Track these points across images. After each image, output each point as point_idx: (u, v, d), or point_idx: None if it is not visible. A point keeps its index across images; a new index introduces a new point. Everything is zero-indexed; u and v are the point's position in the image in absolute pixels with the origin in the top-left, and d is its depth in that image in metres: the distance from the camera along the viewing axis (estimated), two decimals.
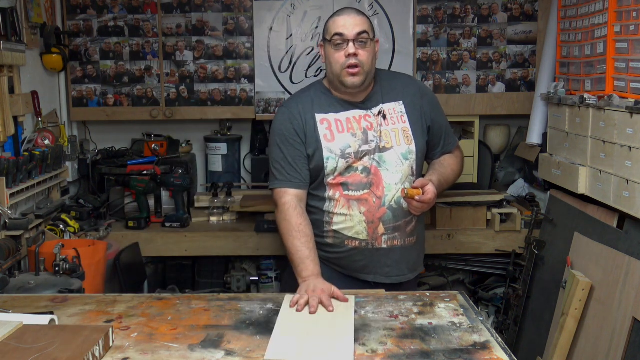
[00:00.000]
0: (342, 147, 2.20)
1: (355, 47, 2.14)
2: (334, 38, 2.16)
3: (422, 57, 3.49)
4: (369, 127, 2.23)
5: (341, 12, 2.21)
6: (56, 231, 2.76)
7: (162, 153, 3.51)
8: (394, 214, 2.22)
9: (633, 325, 2.22)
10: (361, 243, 2.23)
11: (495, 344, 1.56)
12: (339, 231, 2.24)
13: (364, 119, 2.24)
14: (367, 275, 2.27)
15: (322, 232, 2.26)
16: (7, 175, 2.50)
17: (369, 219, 2.21)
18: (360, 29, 2.15)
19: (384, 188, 2.20)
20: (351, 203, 2.21)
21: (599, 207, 2.60)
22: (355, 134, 2.21)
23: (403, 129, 2.26)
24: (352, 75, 2.15)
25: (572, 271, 2.59)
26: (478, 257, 3.28)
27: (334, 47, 2.17)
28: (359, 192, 2.20)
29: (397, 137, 2.24)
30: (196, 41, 3.50)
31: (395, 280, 2.27)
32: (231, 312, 1.79)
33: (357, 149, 2.20)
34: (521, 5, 3.47)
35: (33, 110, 2.98)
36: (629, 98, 2.30)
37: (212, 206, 3.31)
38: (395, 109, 2.28)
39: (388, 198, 2.21)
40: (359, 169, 2.20)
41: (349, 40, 2.14)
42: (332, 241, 2.26)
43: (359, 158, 2.20)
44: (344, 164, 2.19)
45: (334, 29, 2.17)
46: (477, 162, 3.52)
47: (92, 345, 1.42)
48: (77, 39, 3.49)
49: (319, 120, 2.22)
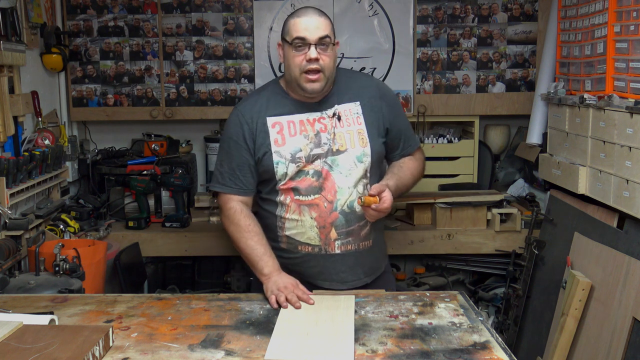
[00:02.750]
0: (293, 151, 2.12)
1: (317, 52, 2.05)
2: (294, 41, 2.07)
3: (422, 57, 3.49)
4: (322, 129, 2.15)
5: (302, 13, 2.12)
6: (56, 231, 2.76)
7: (162, 153, 3.51)
8: (347, 218, 2.14)
9: (633, 325, 2.22)
10: (314, 249, 2.17)
11: (495, 344, 1.56)
12: (292, 236, 2.18)
13: (318, 121, 2.16)
14: (323, 282, 2.19)
15: (276, 236, 2.21)
16: (7, 175, 2.50)
17: (321, 224, 2.13)
18: (322, 32, 2.06)
19: (336, 192, 2.13)
20: (302, 208, 2.14)
21: (599, 207, 2.60)
22: (308, 136, 2.14)
23: (358, 130, 2.18)
24: (311, 81, 2.07)
25: (572, 271, 2.59)
26: (478, 257, 3.28)
27: (294, 50, 2.08)
28: (310, 197, 2.13)
29: (352, 139, 2.16)
30: (196, 41, 3.50)
31: (351, 285, 2.20)
32: (231, 312, 1.79)
33: (309, 152, 2.13)
34: (521, 5, 3.47)
35: (33, 110, 2.98)
36: (629, 98, 2.30)
37: (212, 206, 3.31)
38: (352, 110, 2.20)
39: (340, 202, 2.13)
40: (310, 173, 2.13)
41: (310, 44, 2.05)
42: (286, 246, 2.20)
43: (310, 161, 2.13)
44: (295, 169, 2.12)
45: (295, 32, 2.07)
46: (477, 162, 3.52)
47: (92, 345, 1.42)
48: (77, 39, 3.49)
49: (270, 125, 2.16)
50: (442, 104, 3.51)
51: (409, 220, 3.30)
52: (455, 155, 3.52)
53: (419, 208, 3.25)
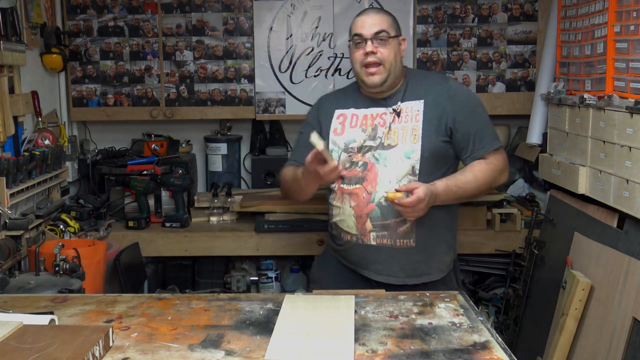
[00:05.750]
0: (347, 141, 2.24)
1: (374, 45, 2.18)
2: (354, 38, 2.22)
3: (422, 57, 3.49)
4: (380, 123, 2.23)
5: (362, 13, 2.27)
6: (56, 231, 2.76)
7: (162, 153, 3.51)
8: (382, 211, 2.16)
9: (633, 325, 2.22)
10: (352, 237, 2.24)
11: (495, 344, 1.56)
12: (337, 223, 2.29)
13: (380, 116, 2.24)
14: (362, 270, 2.27)
15: (330, 222, 2.35)
16: (7, 175, 2.50)
17: (357, 214, 2.20)
18: (378, 28, 2.18)
19: (377, 184, 2.17)
20: (344, 196, 2.23)
21: (599, 207, 2.60)
22: (366, 130, 2.24)
23: (413, 127, 2.19)
24: (370, 74, 2.19)
25: (572, 271, 2.59)
26: (478, 257, 3.28)
27: (354, 46, 2.23)
28: (352, 186, 2.21)
29: (405, 135, 2.20)
30: (196, 41, 3.50)
31: (393, 281, 2.20)
32: (231, 312, 1.79)
33: (362, 143, 2.22)
34: (521, 5, 3.47)
35: (33, 110, 2.98)
36: (629, 98, 2.30)
37: (212, 206, 3.31)
38: (414, 107, 2.22)
39: (379, 195, 2.16)
40: (359, 164, 2.22)
41: (366, 39, 2.18)
42: (335, 232, 2.32)
43: (361, 153, 2.22)
44: (346, 158, 2.23)
45: (354, 30, 2.23)
46: None
47: (92, 345, 1.42)
48: (77, 39, 3.49)
49: (336, 116, 2.31)
50: None
51: None
52: None
53: None
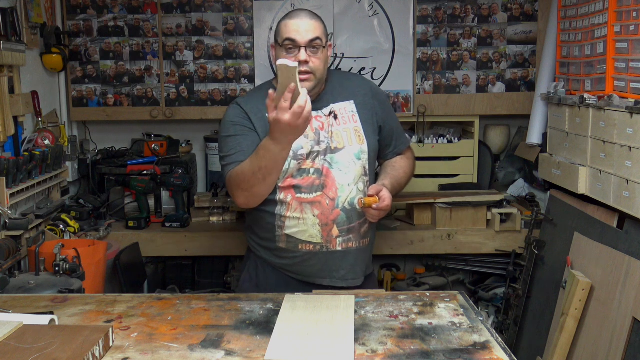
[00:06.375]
0: (295, 148, 2.08)
1: (307, 54, 2.07)
2: (285, 43, 2.08)
3: (422, 57, 3.49)
4: (320, 127, 2.17)
5: (294, 15, 2.12)
6: (56, 231, 2.76)
7: (162, 153, 3.51)
8: (348, 215, 2.17)
9: (633, 325, 2.22)
10: (315, 247, 2.17)
11: (495, 344, 1.56)
12: (292, 235, 2.17)
13: (315, 119, 2.17)
14: (323, 279, 2.20)
15: (274, 236, 2.20)
16: (7, 175, 2.50)
17: (323, 222, 2.15)
18: (312, 35, 2.07)
19: (337, 189, 2.15)
20: (304, 206, 2.14)
21: (599, 207, 2.60)
22: (308, 135, 2.13)
23: (355, 128, 2.21)
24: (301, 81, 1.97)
25: (572, 271, 2.59)
26: (478, 257, 3.28)
27: (285, 52, 2.09)
28: (312, 195, 2.14)
29: (349, 136, 2.19)
30: (196, 41, 3.50)
31: (352, 283, 2.22)
32: (231, 312, 1.79)
33: (309, 149, 2.14)
34: (521, 5, 3.46)
35: (33, 110, 2.98)
36: (629, 98, 2.30)
37: (212, 206, 3.31)
38: (347, 108, 2.22)
39: (341, 199, 2.15)
40: (311, 171, 2.14)
41: (300, 46, 2.07)
42: (285, 245, 2.20)
43: (311, 159, 2.15)
44: (296, 165, 2.13)
45: (286, 33, 2.08)
46: (477, 162, 3.52)
47: (92, 345, 1.42)
48: (77, 39, 3.49)
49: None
50: (442, 104, 3.51)
51: (409, 220, 3.30)
52: (455, 155, 3.52)
53: (419, 208, 3.25)
